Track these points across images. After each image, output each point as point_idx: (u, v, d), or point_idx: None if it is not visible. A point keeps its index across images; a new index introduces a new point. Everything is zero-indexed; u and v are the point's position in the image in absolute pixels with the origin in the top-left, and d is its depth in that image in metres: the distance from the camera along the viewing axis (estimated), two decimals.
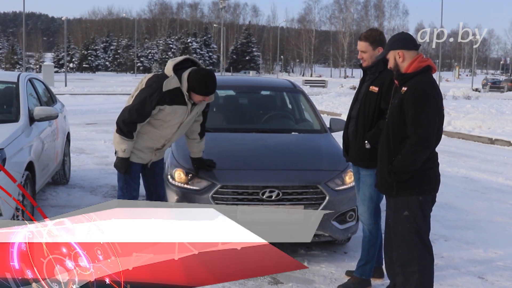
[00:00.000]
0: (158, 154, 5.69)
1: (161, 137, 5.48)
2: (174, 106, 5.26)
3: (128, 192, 5.51)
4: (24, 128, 6.81)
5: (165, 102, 5.21)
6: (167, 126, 5.40)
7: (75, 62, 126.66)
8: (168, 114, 5.30)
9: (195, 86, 5.19)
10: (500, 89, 61.70)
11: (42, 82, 9.15)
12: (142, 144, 5.47)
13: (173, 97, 5.22)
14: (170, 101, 5.22)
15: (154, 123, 5.38)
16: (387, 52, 4.59)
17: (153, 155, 5.63)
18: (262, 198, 5.67)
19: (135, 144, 5.41)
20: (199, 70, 5.30)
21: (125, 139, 5.29)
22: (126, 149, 5.32)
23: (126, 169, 5.41)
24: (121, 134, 5.29)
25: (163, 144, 5.59)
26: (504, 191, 10.19)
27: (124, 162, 5.38)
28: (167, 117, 5.33)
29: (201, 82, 5.20)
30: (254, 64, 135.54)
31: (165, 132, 5.45)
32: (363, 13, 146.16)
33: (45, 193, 8.66)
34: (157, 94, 5.17)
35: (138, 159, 5.55)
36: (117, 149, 5.38)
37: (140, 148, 5.48)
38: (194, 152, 5.89)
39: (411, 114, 4.33)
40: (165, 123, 5.37)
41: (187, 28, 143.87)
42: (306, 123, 7.88)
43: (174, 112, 5.30)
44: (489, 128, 19.39)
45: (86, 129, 17.34)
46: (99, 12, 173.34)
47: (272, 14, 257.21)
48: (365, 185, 5.22)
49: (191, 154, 5.92)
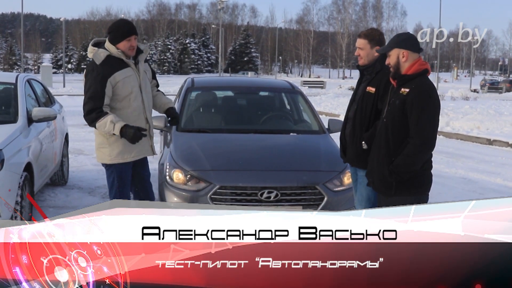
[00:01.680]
0: (151, 135, 5.60)
1: (136, 111, 5.39)
2: (122, 70, 5.26)
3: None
4: (23, 129, 6.80)
5: (109, 72, 5.20)
6: (133, 98, 5.34)
7: (74, 63, 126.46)
8: (124, 84, 5.26)
9: (116, 35, 5.29)
10: (498, 90, 61.66)
11: (41, 83, 9.15)
12: None
13: (112, 64, 5.24)
14: (113, 69, 5.23)
15: (122, 105, 5.32)
16: (391, 48, 4.58)
17: (148, 137, 5.51)
18: (261, 199, 5.68)
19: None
20: (108, 27, 5.48)
21: (102, 118, 5.15)
22: (113, 119, 5.13)
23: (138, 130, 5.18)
24: (97, 120, 5.16)
25: (145, 118, 5.48)
26: (502, 192, 10.19)
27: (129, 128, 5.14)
28: (126, 88, 5.28)
29: (118, 27, 5.33)
30: (252, 65, 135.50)
31: (135, 104, 5.38)
32: (362, 14, 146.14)
33: (44, 194, 8.66)
34: (97, 71, 5.20)
35: (140, 153, 5.48)
36: (111, 130, 5.14)
37: None
38: (164, 103, 5.84)
39: (416, 115, 4.36)
40: (127, 96, 5.32)
41: (186, 29, 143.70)
42: (304, 124, 7.89)
43: (126, 77, 5.28)
44: (487, 129, 19.39)
45: (85, 130, 17.30)
46: (98, 13, 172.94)
47: (271, 15, 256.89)
48: (362, 186, 5.22)
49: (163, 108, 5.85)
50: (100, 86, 5.17)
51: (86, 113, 5.22)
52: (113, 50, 5.27)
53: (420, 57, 4.59)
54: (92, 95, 5.18)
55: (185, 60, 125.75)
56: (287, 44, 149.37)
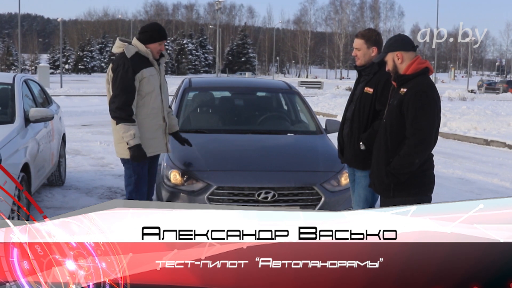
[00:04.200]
0: (167, 132, 5.76)
1: (155, 109, 5.56)
2: (148, 68, 5.45)
3: (137, 195, 5.50)
4: (20, 130, 6.80)
5: (138, 66, 5.38)
6: (154, 96, 5.52)
7: (71, 63, 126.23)
8: (148, 81, 5.44)
9: (151, 35, 5.51)
10: (495, 91, 61.72)
11: (38, 83, 9.13)
12: (150, 130, 5.53)
13: (140, 61, 5.43)
14: (141, 65, 5.41)
15: (144, 102, 5.48)
16: (385, 54, 4.59)
17: (164, 135, 5.68)
18: (258, 200, 5.68)
19: (146, 134, 5.46)
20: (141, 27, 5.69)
21: (129, 125, 5.32)
22: (135, 134, 5.32)
23: (144, 155, 5.40)
24: (123, 122, 5.32)
25: (162, 117, 5.65)
26: (500, 192, 10.21)
27: (139, 149, 5.34)
28: (150, 86, 5.46)
29: (153, 29, 5.58)
30: (250, 65, 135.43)
31: (156, 103, 5.56)
32: (359, 15, 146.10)
33: (41, 194, 8.65)
34: (127, 65, 5.35)
35: (156, 149, 5.61)
36: (126, 139, 5.34)
37: (150, 136, 5.52)
38: (172, 126, 6.00)
39: (411, 115, 4.34)
40: (149, 94, 5.48)
41: (183, 30, 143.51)
42: (301, 124, 7.89)
43: (151, 75, 5.46)
44: (484, 129, 19.41)
45: (82, 131, 17.30)
46: (95, 14, 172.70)
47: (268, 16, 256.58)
48: (360, 186, 5.22)
49: (170, 130, 5.98)
50: (131, 81, 5.34)
51: (118, 107, 5.33)
52: (142, 48, 5.46)
53: (417, 55, 4.56)
54: (124, 87, 5.33)
55: (182, 61, 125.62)
56: (285, 44, 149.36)
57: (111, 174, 10.56)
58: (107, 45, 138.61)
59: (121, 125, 5.33)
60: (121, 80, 5.34)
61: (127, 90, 5.33)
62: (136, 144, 5.31)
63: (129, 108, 5.34)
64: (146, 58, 5.48)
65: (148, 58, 5.49)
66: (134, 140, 5.31)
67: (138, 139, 5.33)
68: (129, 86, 5.34)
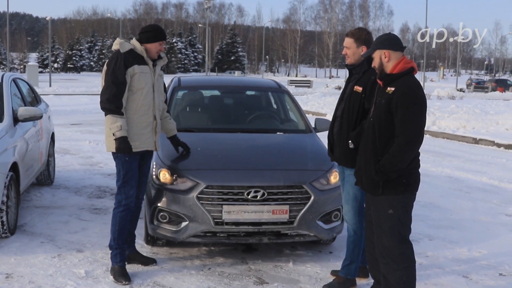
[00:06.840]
0: (157, 131, 5.76)
1: (145, 106, 5.60)
2: (141, 66, 5.54)
3: (125, 190, 5.54)
4: (8, 129, 6.77)
5: (131, 62, 5.48)
6: (145, 93, 5.58)
7: (60, 62, 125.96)
8: (139, 77, 5.52)
9: (151, 35, 5.63)
10: (484, 89, 62.05)
11: (27, 82, 9.10)
12: (138, 126, 5.56)
13: (134, 57, 5.54)
14: (133, 61, 5.51)
15: (134, 98, 5.54)
16: (373, 51, 4.64)
17: (153, 132, 5.69)
18: (247, 198, 5.67)
19: (134, 130, 5.50)
20: (142, 28, 5.81)
21: (116, 116, 5.38)
22: (122, 126, 5.37)
23: (129, 148, 5.44)
24: (111, 113, 5.39)
25: (153, 115, 5.67)
26: (488, 190, 10.26)
27: (124, 142, 5.40)
28: (140, 82, 5.53)
29: (154, 29, 5.70)
30: (239, 64, 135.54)
31: (146, 100, 5.60)
32: (348, 14, 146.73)
33: (30, 194, 8.61)
34: (120, 59, 5.46)
35: (143, 145, 5.61)
36: (113, 130, 5.39)
37: (139, 131, 5.56)
38: (170, 130, 6.11)
39: (401, 114, 4.37)
40: (140, 90, 5.55)
41: (172, 28, 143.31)
42: (291, 123, 7.89)
43: (143, 73, 5.54)
44: (473, 128, 19.51)
45: (71, 130, 17.26)
46: (84, 12, 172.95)
47: (257, 14, 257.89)
48: (349, 185, 5.24)
49: (167, 134, 6.11)
50: (122, 74, 5.42)
51: (107, 98, 5.40)
52: (138, 46, 5.58)
53: (403, 55, 4.61)
54: (114, 79, 5.42)
55: (171, 60, 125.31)
56: (274, 43, 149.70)
57: (100, 173, 10.54)
58: (96, 43, 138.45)
59: (109, 116, 5.41)
60: (112, 73, 5.43)
61: (118, 82, 5.41)
62: (122, 136, 5.38)
63: (119, 100, 5.40)
64: (141, 56, 5.57)
65: (142, 56, 5.57)
66: (121, 132, 5.37)
67: (124, 132, 5.39)
68: (119, 79, 5.41)
